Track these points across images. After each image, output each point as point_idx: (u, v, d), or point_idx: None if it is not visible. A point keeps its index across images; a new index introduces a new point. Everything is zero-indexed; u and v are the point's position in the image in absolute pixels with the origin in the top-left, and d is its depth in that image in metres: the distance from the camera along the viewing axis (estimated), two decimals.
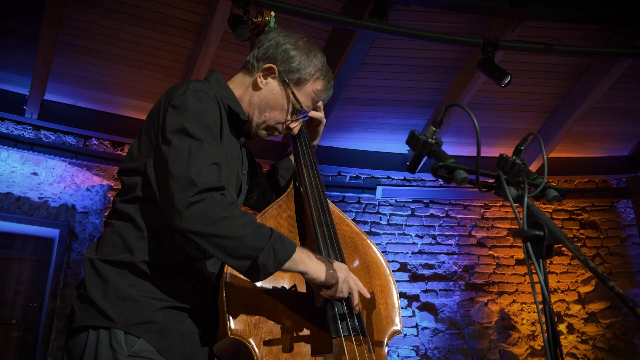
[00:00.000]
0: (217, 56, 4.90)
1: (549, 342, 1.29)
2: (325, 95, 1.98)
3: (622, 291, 1.27)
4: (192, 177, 1.55)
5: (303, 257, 1.67)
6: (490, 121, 5.91)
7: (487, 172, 1.60)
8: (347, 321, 1.74)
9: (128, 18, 4.71)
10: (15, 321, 5.62)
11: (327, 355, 1.76)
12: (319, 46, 5.27)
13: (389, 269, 2.09)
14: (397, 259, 6.49)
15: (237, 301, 1.71)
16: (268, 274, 1.61)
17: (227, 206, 1.57)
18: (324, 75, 1.94)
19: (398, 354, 6.14)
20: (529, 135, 1.74)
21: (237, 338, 1.67)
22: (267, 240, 1.59)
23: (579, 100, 5.45)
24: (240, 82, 1.95)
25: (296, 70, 1.89)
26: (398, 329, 1.99)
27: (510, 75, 4.25)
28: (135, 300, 1.65)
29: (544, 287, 1.35)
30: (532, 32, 4.65)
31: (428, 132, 1.70)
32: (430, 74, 5.41)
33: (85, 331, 1.65)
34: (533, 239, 1.39)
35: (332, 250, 1.86)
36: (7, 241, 5.93)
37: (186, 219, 1.53)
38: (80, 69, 5.18)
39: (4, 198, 5.43)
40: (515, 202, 1.53)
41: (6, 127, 5.49)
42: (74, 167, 5.72)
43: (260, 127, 1.93)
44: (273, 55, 1.91)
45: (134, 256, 1.68)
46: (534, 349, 6.34)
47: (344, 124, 5.96)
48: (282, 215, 1.96)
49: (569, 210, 6.86)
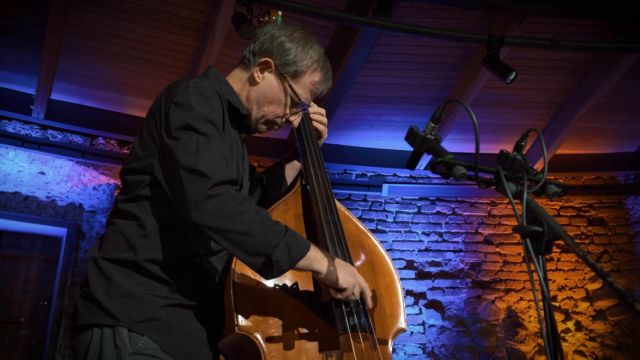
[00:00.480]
0: (221, 54, 4.91)
1: (549, 339, 1.29)
2: (323, 87, 1.95)
3: (621, 287, 1.27)
4: (205, 170, 1.56)
5: (318, 257, 1.67)
6: (496, 118, 5.89)
7: (486, 168, 1.59)
8: (354, 318, 1.75)
9: (132, 17, 4.73)
10: (24, 319, 5.66)
11: (333, 351, 1.76)
12: (323, 44, 5.25)
13: (394, 267, 2.09)
14: (404, 257, 6.48)
15: (244, 297, 1.71)
16: (282, 271, 1.60)
17: (242, 201, 1.57)
18: (321, 66, 1.91)
19: (405, 351, 6.13)
20: (529, 131, 1.73)
21: (244, 334, 1.68)
22: (282, 237, 1.58)
23: (585, 96, 5.42)
24: (238, 78, 1.93)
25: (292, 63, 1.87)
26: (403, 327, 1.99)
27: (515, 72, 4.23)
28: (139, 298, 1.65)
29: (543, 283, 1.35)
30: (538, 28, 4.62)
31: (427, 128, 1.70)
32: (436, 71, 5.40)
33: (89, 329, 1.65)
34: (532, 234, 1.38)
35: (340, 248, 1.86)
36: (15, 240, 5.97)
37: (203, 212, 1.53)
38: (86, 69, 5.21)
39: (12, 197, 5.47)
40: (515, 198, 1.52)
41: (13, 126, 5.53)
42: (81, 166, 5.76)
43: (259, 121, 1.92)
44: (269, 48, 1.88)
45: (137, 255, 1.68)
46: (541, 346, 6.32)
47: (350, 122, 5.96)
48: (289, 212, 1.96)
49: (577, 207, 6.82)
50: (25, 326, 5.65)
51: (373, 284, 1.98)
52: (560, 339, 1.31)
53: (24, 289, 5.82)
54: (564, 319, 6.41)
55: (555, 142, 5.97)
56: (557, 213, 6.76)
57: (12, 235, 5.94)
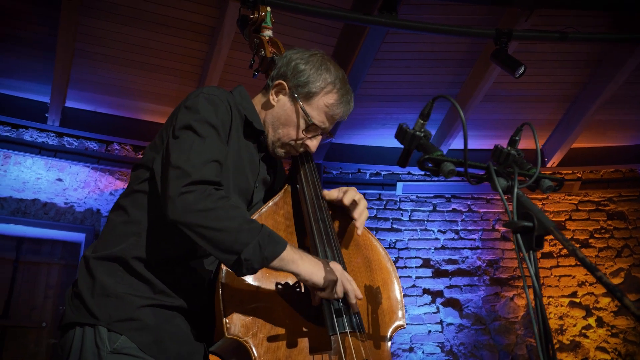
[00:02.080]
0: (229, 57, 4.94)
1: (540, 334, 1.27)
2: (341, 110, 1.92)
3: (610, 282, 1.25)
4: (188, 168, 1.59)
5: (295, 258, 1.65)
6: (509, 113, 5.82)
7: (476, 164, 1.58)
8: (344, 318, 1.74)
9: (141, 23, 4.77)
10: (46, 324, 5.76)
11: (325, 352, 1.75)
12: (331, 44, 5.22)
13: (391, 262, 2.08)
14: (420, 255, 6.44)
15: (233, 301, 1.71)
16: (252, 270, 1.61)
17: (217, 199, 1.58)
18: (337, 89, 1.89)
19: (423, 350, 6.10)
20: (522, 125, 1.72)
21: (234, 338, 1.68)
22: (255, 235, 1.58)
23: (599, 88, 5.33)
24: (259, 102, 1.97)
25: (304, 84, 1.87)
26: (401, 324, 1.98)
27: (524, 66, 4.18)
28: (119, 298, 1.69)
29: (534, 279, 1.33)
30: (547, 20, 4.56)
31: (416, 126, 1.70)
32: (445, 67, 5.36)
33: (72, 328, 1.70)
34: (523, 230, 1.37)
35: (329, 246, 1.85)
36: (35, 246, 6.07)
37: (176, 207, 1.55)
38: (98, 76, 5.28)
39: (31, 204, 5.57)
40: (507, 193, 1.51)
41: (30, 134, 5.62)
42: (97, 172, 5.84)
43: (276, 144, 1.93)
44: (284, 72, 1.91)
45: (124, 251, 1.72)
46: (562, 343, 6.23)
47: (361, 121, 5.94)
48: (279, 212, 1.95)
49: (596, 201, 6.71)
50: (47, 331, 5.74)
51: (369, 280, 1.97)
52: (552, 335, 1.29)
53: (45, 295, 5.92)
54: (585, 315, 6.31)
55: (571, 136, 5.88)
56: (576, 208, 6.66)
57: (32, 241, 6.04)
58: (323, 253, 1.82)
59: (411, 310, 6.22)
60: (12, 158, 5.53)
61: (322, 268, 1.69)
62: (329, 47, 5.00)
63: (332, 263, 1.75)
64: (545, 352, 1.27)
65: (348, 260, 1.94)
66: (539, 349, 1.26)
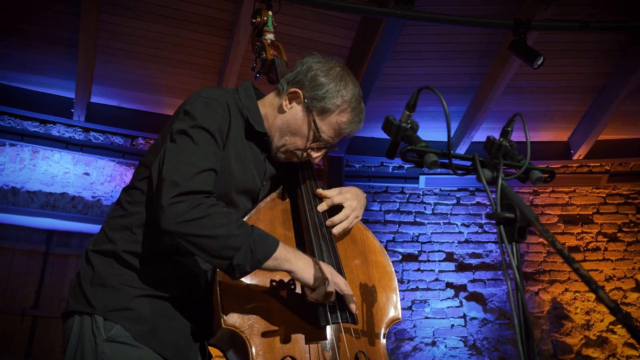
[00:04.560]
0: (247, 51, 4.97)
1: (520, 328, 1.26)
2: (350, 129, 1.89)
3: (587, 274, 1.23)
4: (178, 179, 1.61)
5: (288, 256, 1.67)
6: (532, 105, 5.71)
7: (460, 155, 1.58)
8: (337, 311, 1.76)
9: (160, 19, 4.85)
10: None
11: (319, 343, 1.78)
12: (349, 38, 5.20)
13: (387, 257, 2.08)
14: (443, 249, 6.39)
15: (230, 294, 1.75)
16: (245, 273, 1.63)
17: (207, 207, 1.60)
18: (352, 108, 1.86)
19: (446, 344, 6.06)
20: (514, 116, 1.70)
21: (230, 328, 1.71)
22: (246, 240, 1.61)
23: (625, 78, 5.18)
24: (270, 103, 1.95)
25: (322, 99, 1.83)
26: (397, 317, 1.98)
27: (542, 57, 4.10)
28: (115, 288, 1.74)
29: (515, 271, 1.32)
30: (567, 10, 4.46)
31: (402, 117, 1.69)
32: (466, 59, 5.29)
33: (72, 316, 1.77)
34: (505, 221, 1.36)
35: (324, 241, 1.87)
36: (65, 239, 6.25)
37: (167, 217, 1.58)
38: (121, 71, 5.38)
39: (60, 198, 5.72)
40: (493, 184, 1.51)
41: (58, 130, 5.77)
42: (122, 166, 5.95)
43: (279, 150, 1.92)
44: (301, 80, 1.87)
45: (116, 246, 1.78)
46: (588, 338, 6.11)
47: (383, 114, 5.85)
48: (276, 208, 1.97)
49: (625, 194, 6.54)
50: None
51: (365, 274, 1.99)
52: (532, 329, 1.28)
53: None
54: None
55: (598, 127, 5.74)
56: (604, 201, 6.51)
57: (62, 234, 6.22)
58: (318, 247, 1.84)
59: (434, 304, 6.18)
60: (41, 153, 5.69)
61: (314, 267, 1.71)
62: (348, 39, 4.99)
63: (324, 265, 1.75)
64: (526, 345, 1.25)
65: (344, 255, 1.95)
66: (519, 342, 1.25)
